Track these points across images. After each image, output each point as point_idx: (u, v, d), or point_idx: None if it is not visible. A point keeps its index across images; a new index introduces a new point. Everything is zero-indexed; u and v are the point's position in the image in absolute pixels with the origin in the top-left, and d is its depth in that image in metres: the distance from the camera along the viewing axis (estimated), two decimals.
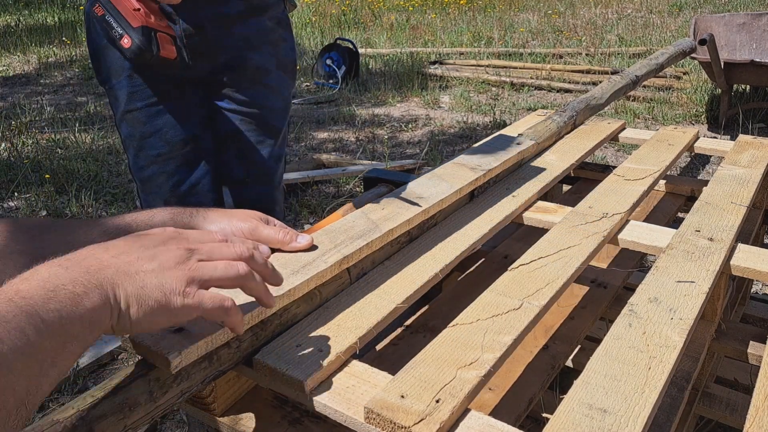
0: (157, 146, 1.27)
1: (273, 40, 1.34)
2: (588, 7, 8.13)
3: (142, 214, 0.81)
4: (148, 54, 1.11)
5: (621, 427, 0.65)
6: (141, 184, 1.31)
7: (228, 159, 1.35)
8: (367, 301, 0.88)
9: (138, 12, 1.10)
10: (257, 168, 1.36)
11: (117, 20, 1.10)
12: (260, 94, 1.33)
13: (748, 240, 1.34)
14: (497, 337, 0.79)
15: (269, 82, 1.34)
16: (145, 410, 0.64)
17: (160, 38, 1.12)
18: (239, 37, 1.28)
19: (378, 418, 0.66)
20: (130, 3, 1.10)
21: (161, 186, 1.29)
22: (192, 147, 1.30)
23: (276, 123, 1.36)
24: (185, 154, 1.29)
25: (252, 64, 1.31)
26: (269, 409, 0.81)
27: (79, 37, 7.43)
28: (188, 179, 1.31)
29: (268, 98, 1.34)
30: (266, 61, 1.32)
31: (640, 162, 1.41)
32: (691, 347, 1.04)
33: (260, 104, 1.33)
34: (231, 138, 1.34)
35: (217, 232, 0.70)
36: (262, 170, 1.37)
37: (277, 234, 0.86)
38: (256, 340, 0.76)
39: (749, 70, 3.44)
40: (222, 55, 1.28)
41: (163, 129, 1.26)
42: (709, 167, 3.16)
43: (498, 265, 1.32)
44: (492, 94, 4.77)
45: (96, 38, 1.26)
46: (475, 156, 1.29)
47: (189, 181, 1.31)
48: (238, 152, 1.34)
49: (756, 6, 7.24)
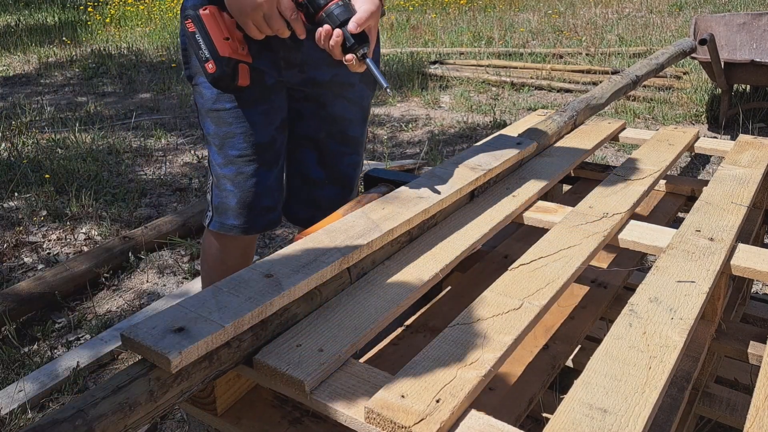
0: (240, 147, 1.29)
1: None
2: (588, 7, 8.13)
3: None
4: (228, 82, 1.17)
5: (621, 427, 0.65)
6: (216, 180, 1.33)
7: (308, 161, 1.40)
8: (367, 301, 0.88)
9: (227, 42, 1.15)
10: (336, 173, 1.41)
11: (206, 43, 1.15)
12: (342, 106, 1.36)
13: (748, 240, 1.34)
14: (497, 337, 0.79)
15: (351, 96, 1.37)
16: (145, 410, 0.64)
17: (240, 68, 1.17)
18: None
19: (378, 417, 0.66)
20: (221, 31, 1.15)
21: (238, 185, 1.31)
22: (271, 150, 1.32)
23: (354, 133, 1.41)
24: (265, 156, 1.31)
25: (337, 79, 1.33)
26: (269, 409, 0.81)
27: (79, 37, 7.43)
28: (264, 182, 1.32)
29: (348, 110, 1.38)
30: (351, 76, 1.33)
31: (640, 162, 1.41)
32: (691, 347, 1.04)
33: (341, 116, 1.37)
34: (311, 143, 1.39)
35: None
36: (340, 175, 1.42)
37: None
38: (256, 340, 0.76)
39: (749, 70, 3.44)
40: (311, 69, 1.30)
41: (247, 131, 1.28)
42: (710, 167, 3.16)
43: (498, 265, 1.32)
44: (492, 94, 4.77)
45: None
46: (475, 156, 1.29)
47: (264, 184, 1.33)
48: (319, 157, 1.39)
49: (756, 6, 7.24)
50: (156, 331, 0.69)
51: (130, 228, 2.59)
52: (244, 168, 1.30)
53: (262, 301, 0.77)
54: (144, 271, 2.27)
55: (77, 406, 0.61)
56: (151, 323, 0.71)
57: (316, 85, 1.32)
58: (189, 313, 0.74)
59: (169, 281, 2.21)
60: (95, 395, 0.63)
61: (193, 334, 0.68)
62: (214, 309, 0.75)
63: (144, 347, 0.67)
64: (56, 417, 0.60)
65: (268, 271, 0.84)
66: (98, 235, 2.56)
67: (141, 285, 2.19)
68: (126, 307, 2.07)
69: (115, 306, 2.08)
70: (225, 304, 0.76)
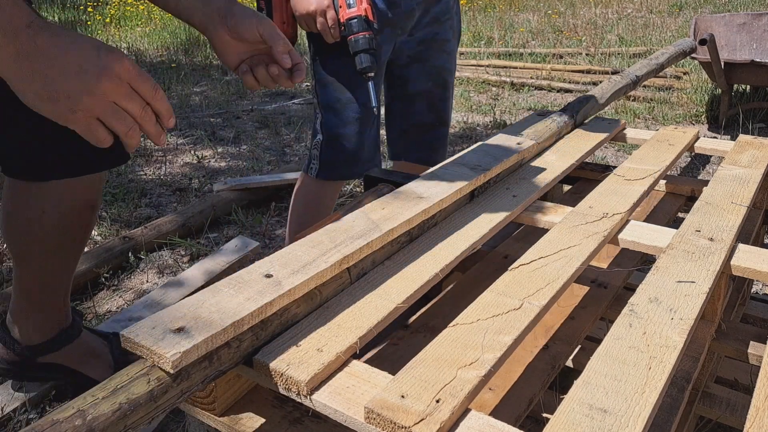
0: (358, 110, 1.56)
1: (451, 15, 1.70)
2: (588, 7, 8.13)
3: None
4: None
5: (621, 427, 0.65)
6: (327, 140, 1.59)
7: (420, 110, 1.73)
8: (367, 301, 0.88)
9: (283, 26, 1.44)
10: (443, 115, 1.76)
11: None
12: (442, 59, 1.70)
13: (748, 240, 1.34)
14: (497, 337, 0.79)
15: (447, 49, 1.71)
16: (145, 410, 0.64)
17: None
18: (432, 14, 1.63)
19: (378, 418, 0.66)
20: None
21: (349, 140, 1.58)
22: (374, 113, 1.59)
23: (451, 79, 1.76)
24: (371, 119, 1.60)
25: (438, 36, 1.66)
26: (269, 409, 0.81)
27: None
28: (369, 139, 1.62)
29: (447, 61, 1.72)
30: (447, 33, 1.69)
31: (640, 162, 1.41)
32: (691, 347, 1.04)
33: (442, 66, 1.71)
34: (422, 95, 1.71)
35: (149, 80, 0.73)
36: (445, 116, 1.77)
37: None
38: (256, 340, 0.76)
39: (749, 70, 3.44)
40: (417, 32, 1.63)
41: (364, 97, 1.53)
42: (710, 167, 3.16)
43: (498, 265, 1.32)
44: (492, 94, 4.77)
45: None
46: (475, 156, 1.29)
47: (369, 140, 1.62)
48: (429, 105, 1.72)
49: (756, 6, 7.24)
50: (156, 331, 0.69)
51: (130, 228, 2.59)
52: (358, 127, 1.58)
53: (262, 301, 0.77)
54: (144, 271, 2.27)
55: (77, 405, 0.61)
56: (150, 323, 0.71)
57: (421, 43, 1.65)
58: (189, 313, 0.74)
59: None
60: (95, 395, 0.63)
61: (192, 334, 0.68)
62: (214, 309, 0.75)
63: (144, 347, 0.67)
64: (56, 417, 0.60)
65: (268, 271, 0.84)
66: (98, 235, 2.56)
67: (141, 285, 2.19)
68: (126, 307, 2.07)
69: (115, 306, 2.08)
70: (225, 304, 0.76)
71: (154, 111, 0.74)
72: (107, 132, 0.72)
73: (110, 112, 0.70)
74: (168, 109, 0.75)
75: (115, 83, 0.69)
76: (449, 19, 1.70)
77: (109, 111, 0.70)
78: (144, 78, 0.71)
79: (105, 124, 0.71)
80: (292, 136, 3.84)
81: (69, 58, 0.66)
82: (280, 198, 2.82)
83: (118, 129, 0.71)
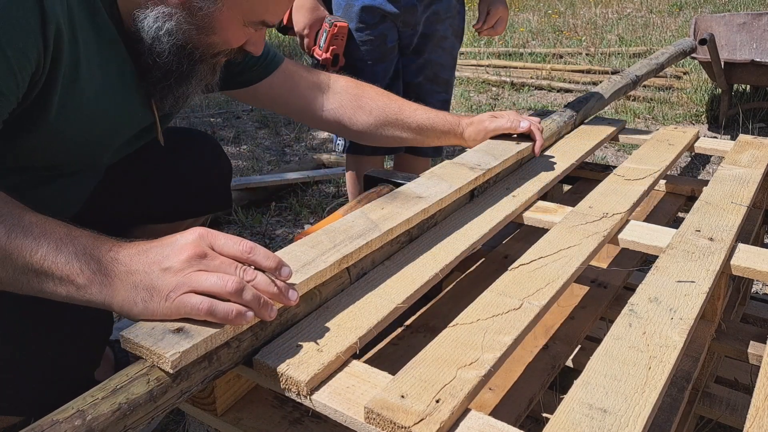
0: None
1: (453, 14, 1.81)
2: (588, 7, 8.13)
3: None
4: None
5: (621, 427, 0.65)
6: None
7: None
8: (367, 301, 0.88)
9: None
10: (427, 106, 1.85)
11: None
12: (437, 54, 1.82)
13: (748, 240, 1.34)
14: (497, 337, 0.79)
15: (445, 45, 1.82)
16: (145, 410, 0.64)
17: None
18: (433, 11, 1.76)
19: (378, 418, 0.66)
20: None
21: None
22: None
23: (445, 75, 1.87)
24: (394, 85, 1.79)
25: (437, 33, 1.79)
26: (269, 409, 0.81)
27: None
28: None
29: (441, 57, 1.83)
30: (446, 30, 1.80)
31: (640, 162, 1.41)
32: (691, 347, 1.04)
33: (435, 61, 1.82)
34: (410, 87, 1.85)
35: (244, 241, 0.75)
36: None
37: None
38: (256, 340, 0.76)
39: (749, 70, 3.44)
40: (421, 26, 1.76)
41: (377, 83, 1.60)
42: (710, 167, 3.16)
43: (498, 265, 1.32)
44: (492, 94, 4.77)
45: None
46: (475, 155, 1.29)
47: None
48: (415, 98, 1.74)
49: (756, 6, 7.23)
50: (155, 332, 0.69)
51: None
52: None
53: None
54: None
55: (77, 406, 0.61)
56: (150, 323, 0.71)
57: (422, 37, 1.78)
58: None
59: None
60: (95, 395, 0.63)
61: (192, 335, 0.68)
62: None
63: (143, 347, 0.67)
64: (56, 417, 0.60)
65: None
66: None
67: None
68: None
69: None
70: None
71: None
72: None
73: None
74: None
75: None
76: (450, 18, 1.81)
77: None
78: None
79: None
80: (292, 136, 3.83)
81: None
82: (280, 198, 2.82)
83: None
